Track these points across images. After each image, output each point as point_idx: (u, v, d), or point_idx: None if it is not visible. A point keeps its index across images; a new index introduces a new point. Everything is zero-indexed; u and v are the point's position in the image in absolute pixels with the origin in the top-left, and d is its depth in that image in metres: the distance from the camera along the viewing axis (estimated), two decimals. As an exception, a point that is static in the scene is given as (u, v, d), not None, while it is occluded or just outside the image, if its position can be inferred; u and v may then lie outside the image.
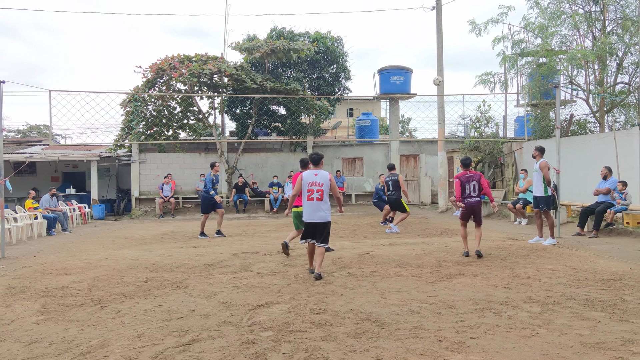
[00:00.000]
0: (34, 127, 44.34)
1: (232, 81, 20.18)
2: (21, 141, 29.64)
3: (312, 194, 7.27)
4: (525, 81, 19.57)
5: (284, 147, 23.71)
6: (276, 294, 6.26)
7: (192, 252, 10.07)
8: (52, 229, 14.57)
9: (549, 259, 8.43)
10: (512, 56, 18.26)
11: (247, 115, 22.78)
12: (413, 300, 5.80)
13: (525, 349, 4.18)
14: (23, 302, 6.11)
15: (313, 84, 24.70)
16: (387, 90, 22.49)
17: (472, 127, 20.91)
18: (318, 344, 4.36)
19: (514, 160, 19.07)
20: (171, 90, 20.74)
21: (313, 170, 7.46)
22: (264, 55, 20.93)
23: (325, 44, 24.12)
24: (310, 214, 7.32)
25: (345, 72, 25.02)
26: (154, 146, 21.73)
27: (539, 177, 10.30)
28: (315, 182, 7.31)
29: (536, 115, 19.31)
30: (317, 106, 21.65)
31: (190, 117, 22.01)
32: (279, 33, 24.47)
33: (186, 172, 21.46)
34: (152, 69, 19.81)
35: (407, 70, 22.72)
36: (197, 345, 4.41)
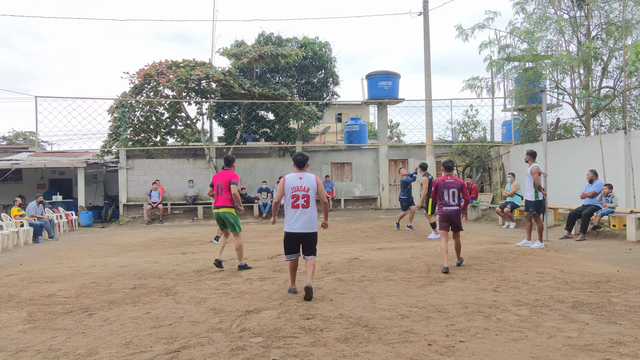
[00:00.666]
0: (19, 134, 43.93)
1: (220, 87, 20.14)
2: (7, 148, 29.34)
3: (297, 200, 6.32)
4: (512, 86, 19.75)
5: (272, 153, 23.69)
6: (266, 300, 6.23)
7: (180, 258, 10.01)
8: (39, 236, 14.42)
9: (537, 262, 8.48)
10: (499, 61, 18.43)
11: (235, 121, 22.73)
12: (403, 305, 5.81)
13: (515, 351, 4.20)
14: (9, 311, 6.03)
15: (301, 89, 24.71)
16: (375, 95, 22.56)
17: (459, 131, 21.04)
18: (308, 350, 4.34)
19: (501, 164, 19.20)
20: (159, 96, 20.66)
21: (297, 174, 6.47)
22: (252, 60, 20.93)
23: (313, 49, 24.16)
24: (293, 224, 6.34)
25: (334, 78, 25.07)
26: (141, 152, 21.60)
27: (530, 181, 10.36)
28: (300, 186, 6.34)
29: (523, 119, 19.47)
30: (305, 111, 21.67)
31: (178, 123, 21.92)
32: (266, 38, 24.48)
33: (174, 178, 21.34)
34: (140, 75, 19.72)
35: (395, 76, 22.81)
36: (187, 352, 4.38)
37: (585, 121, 17.16)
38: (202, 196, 21.26)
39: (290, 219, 6.36)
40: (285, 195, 6.42)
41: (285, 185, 6.43)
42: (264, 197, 20.32)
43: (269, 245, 11.72)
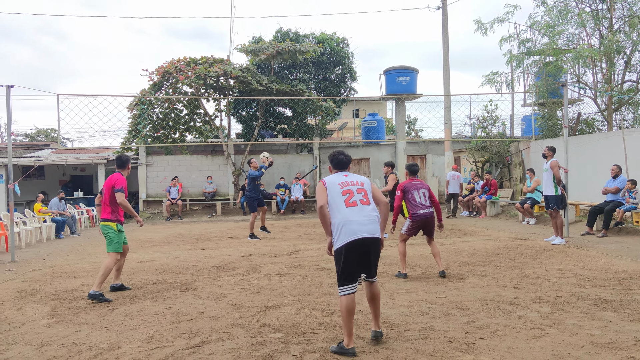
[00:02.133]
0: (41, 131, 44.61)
1: (238, 83, 20.21)
2: (29, 145, 29.81)
3: (352, 196, 4.47)
4: (532, 80, 19.50)
5: (290, 149, 23.72)
6: (285, 296, 6.26)
7: (200, 254, 10.09)
8: (61, 232, 14.64)
9: (558, 259, 8.39)
10: (519, 55, 18.21)
11: (253, 117, 22.81)
12: (422, 301, 5.79)
13: (536, 349, 4.16)
14: (33, 305, 6.15)
15: (319, 85, 24.70)
16: (393, 90, 22.46)
17: (478, 126, 20.85)
18: (328, 346, 4.35)
19: (521, 159, 18.99)
20: (177, 93, 20.79)
21: (341, 173, 4.72)
22: (269, 57, 20.95)
23: (330, 45, 24.12)
24: (357, 227, 4.33)
25: (351, 73, 25.01)
26: (160, 149, 21.78)
27: (549, 177, 10.25)
28: (351, 181, 4.59)
29: (543, 114, 19.24)
30: (323, 107, 21.66)
31: (196, 120, 22.07)
32: (284, 35, 24.49)
33: (193, 175, 21.51)
34: (159, 72, 19.88)
35: (413, 71, 22.68)
36: (207, 347, 4.42)
37: (607, 116, 16.90)
38: (221, 192, 21.40)
39: (349, 221, 4.37)
40: (331, 194, 4.51)
41: (328, 186, 4.54)
42: (281, 193, 20.37)
43: (287, 242, 11.76)
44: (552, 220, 10.50)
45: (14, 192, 10.46)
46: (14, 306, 6.13)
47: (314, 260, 8.82)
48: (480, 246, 10.08)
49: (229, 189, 21.47)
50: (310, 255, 9.50)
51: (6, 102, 10.38)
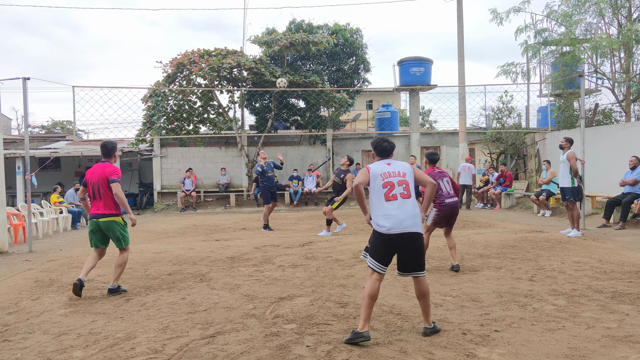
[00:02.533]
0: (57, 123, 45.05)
1: (251, 75, 20.21)
2: (45, 137, 30.12)
3: (392, 188, 4.47)
4: (549, 71, 19.27)
5: (303, 141, 23.71)
6: (298, 287, 6.27)
7: (214, 245, 10.15)
8: (77, 223, 14.81)
9: (574, 251, 8.31)
10: (535, 45, 17.99)
11: (266, 109, 22.81)
12: (436, 293, 5.77)
13: (552, 342, 4.13)
14: (51, 295, 6.22)
15: (332, 76, 24.61)
16: (407, 81, 22.32)
17: (494, 118, 20.67)
18: (341, 337, 4.36)
19: (536, 151, 18.81)
20: (191, 85, 20.85)
21: (384, 160, 4.71)
22: (282, 48, 20.91)
23: (344, 36, 24.00)
24: (396, 221, 4.38)
25: (365, 64, 24.88)
26: (175, 140, 21.89)
27: (565, 168, 10.13)
28: (393, 171, 4.55)
29: (559, 105, 19.03)
30: (336, 99, 21.60)
31: (210, 112, 22.13)
32: (297, 26, 24.41)
33: (207, 166, 21.60)
34: (173, 64, 19.94)
35: (427, 62, 22.52)
36: (222, 337, 4.45)
37: (625, 106, 16.65)
38: (235, 184, 21.48)
39: (387, 215, 4.41)
40: (373, 186, 4.55)
41: (371, 173, 4.56)
42: (294, 185, 20.40)
43: (301, 233, 11.78)
44: (568, 213, 10.39)
45: (31, 184, 10.58)
46: (32, 296, 6.21)
47: (327, 252, 8.83)
48: (495, 238, 10.01)
49: (243, 180, 21.53)
50: (323, 246, 9.51)
51: (23, 94, 10.47)
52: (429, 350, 4.00)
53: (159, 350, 4.17)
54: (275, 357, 3.94)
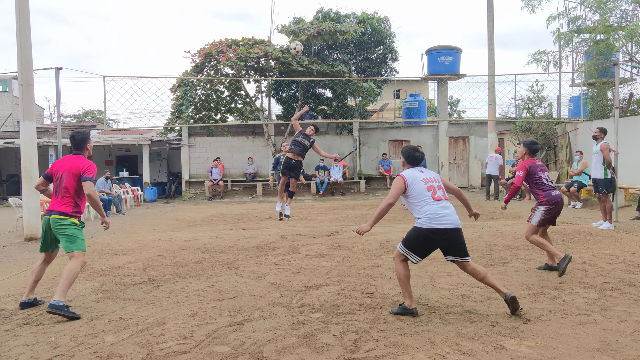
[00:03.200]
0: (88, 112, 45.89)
1: (278, 64, 20.24)
2: (77, 126, 30.70)
3: (435, 192, 4.80)
4: (581, 59, 18.82)
5: (329, 130, 23.68)
6: (325, 276, 6.29)
7: (241, 234, 10.23)
8: (107, 210, 15.08)
9: (605, 244, 8.14)
10: (568, 33, 17.58)
11: (293, 99, 22.83)
12: (463, 285, 5.72)
13: (582, 335, 4.06)
14: (83, 281, 6.37)
15: (359, 65, 24.48)
16: (436, 70, 22.07)
17: (524, 107, 20.30)
18: (368, 326, 4.36)
19: (568, 141, 18.43)
20: (219, 75, 20.99)
21: (416, 168, 4.99)
22: (310, 37, 20.87)
23: (372, 24, 23.81)
24: (440, 217, 4.67)
25: (393, 53, 24.68)
26: (203, 130, 22.11)
27: (598, 159, 9.90)
28: (430, 178, 4.90)
29: (592, 94, 18.57)
30: (363, 88, 21.50)
31: (237, 101, 22.25)
32: (325, 15, 24.31)
33: (234, 156, 21.77)
34: (201, 54, 20.10)
35: (456, 50, 22.21)
36: (249, 325, 4.50)
37: (661, 96, 16.18)
38: (261, 173, 21.61)
39: (435, 212, 4.69)
40: (415, 190, 4.79)
41: (409, 180, 4.82)
42: (321, 174, 20.42)
43: (327, 223, 11.80)
44: (601, 204, 10.17)
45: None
46: (65, 281, 6.36)
47: (353, 242, 8.83)
48: (524, 230, 9.86)
49: (269, 170, 21.63)
50: (349, 236, 9.51)
51: (55, 84, 10.68)
52: (456, 341, 3.97)
53: (188, 336, 4.24)
54: (302, 345, 3.97)
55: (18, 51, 10.09)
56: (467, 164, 22.73)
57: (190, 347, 4.00)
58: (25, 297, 5.17)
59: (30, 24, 10.24)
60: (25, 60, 10.14)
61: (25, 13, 10.13)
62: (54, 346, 4.10)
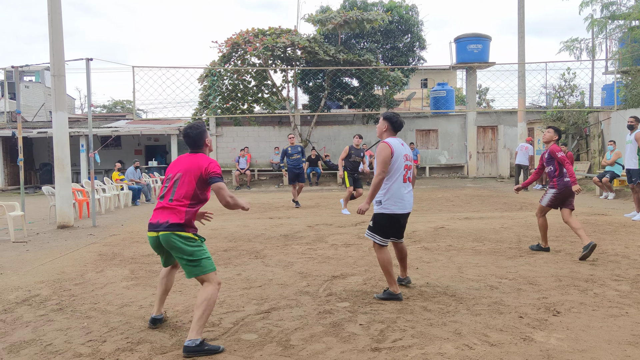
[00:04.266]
0: (118, 102, 46.55)
1: (305, 54, 20.20)
2: (107, 116, 31.21)
3: (408, 171, 4.88)
4: (616, 47, 18.33)
5: (356, 120, 23.60)
6: (351, 266, 6.30)
7: (268, 223, 10.30)
8: (137, 199, 15.35)
9: (639, 236, 7.96)
10: (601, 20, 17.14)
11: (320, 88, 22.78)
12: (492, 276, 5.67)
13: (614, 328, 3.99)
14: (113, 268, 6.50)
15: (387, 54, 24.27)
16: (464, 59, 21.77)
17: (555, 96, 19.90)
18: (394, 316, 4.36)
19: (600, 131, 18.02)
20: (246, 64, 21.06)
21: (398, 139, 4.96)
22: (336, 26, 20.75)
23: (399, 12, 23.56)
24: (404, 203, 4.84)
25: (420, 42, 24.40)
26: (230, 120, 22.26)
27: (632, 149, 9.64)
28: (407, 154, 4.92)
29: (627, 82, 18.08)
30: (390, 77, 21.33)
31: (264, 91, 22.33)
32: (352, 3, 24.13)
33: (261, 145, 21.87)
34: (228, 44, 20.19)
35: (486, 38, 21.85)
36: (276, 313, 4.53)
37: (699, 84, 15.67)
38: (288, 163, 21.66)
39: (401, 197, 4.79)
40: (395, 165, 4.77)
41: (394, 153, 4.76)
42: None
43: (353, 212, 11.78)
44: (634, 195, 9.93)
45: (94, 161, 11.02)
46: (96, 268, 6.51)
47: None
48: (554, 220, 9.68)
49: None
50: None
51: (86, 74, 10.86)
52: (484, 333, 3.94)
53: (216, 324, 4.29)
54: (328, 334, 3.99)
55: (50, 42, 10.28)
56: (496, 153, 22.41)
57: (219, 334, 4.05)
58: (155, 313, 4.32)
59: (61, 15, 10.41)
60: (57, 51, 10.33)
61: (57, 5, 10.30)
62: (87, 331, 4.20)
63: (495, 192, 16.65)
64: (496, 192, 16.66)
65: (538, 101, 23.10)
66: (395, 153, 4.78)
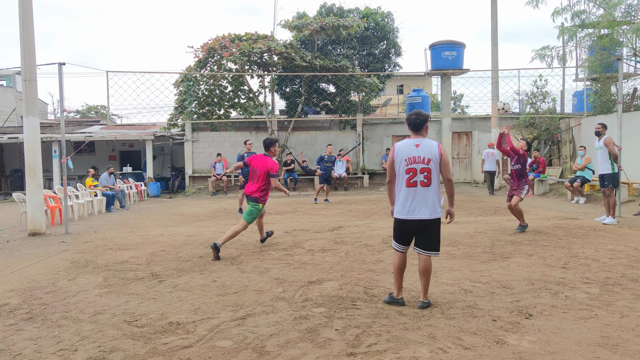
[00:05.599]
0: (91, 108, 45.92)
1: (281, 59, 20.21)
2: (80, 121, 30.77)
3: (414, 175, 4.63)
4: (585, 54, 18.74)
5: (333, 125, 23.67)
6: (327, 271, 6.31)
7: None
8: (111, 206, 15.13)
9: (608, 239, 8.14)
10: (572, 28, 17.51)
11: (296, 94, 22.81)
12: (466, 280, 5.73)
13: (584, 330, 4.07)
14: (86, 276, 6.40)
15: (363, 60, 24.43)
16: (439, 66, 22.01)
17: (527, 102, 20.26)
18: (370, 321, 4.38)
19: (571, 136, 18.39)
20: (222, 70, 20.98)
21: (413, 140, 4.74)
22: (313, 32, 20.83)
23: (375, 19, 23.75)
24: (408, 208, 4.69)
25: (396, 48, 24.61)
26: (206, 125, 22.12)
27: (604, 155, 9.87)
28: (418, 157, 4.64)
29: (596, 89, 18.51)
30: (366, 83, 21.46)
31: (241, 96, 22.25)
32: (328, 10, 24.25)
33: (237, 151, 21.67)
34: (204, 49, 20.07)
35: (460, 45, 22.14)
36: (252, 319, 4.52)
37: (665, 91, 16.10)
38: (264, 168, 21.60)
39: (405, 202, 4.69)
40: (398, 170, 4.73)
41: (395, 157, 4.72)
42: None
43: (330, 218, 11.81)
44: (605, 200, 10.15)
45: (67, 167, 10.85)
46: (68, 276, 6.40)
47: (356, 237, 8.84)
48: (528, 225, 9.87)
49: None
50: (352, 231, 9.52)
51: (59, 79, 10.70)
52: (458, 336, 3.98)
53: (191, 331, 4.26)
54: (304, 340, 3.99)
55: (21, 46, 10.11)
56: (470, 159, 22.69)
57: (193, 341, 4.02)
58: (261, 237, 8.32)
59: (33, 18, 10.26)
60: (28, 55, 10.16)
61: (29, 7, 10.14)
62: (58, 340, 4.13)
63: (470, 197, 16.85)
64: (471, 197, 16.86)
65: (511, 107, 23.49)
66: (396, 157, 4.74)
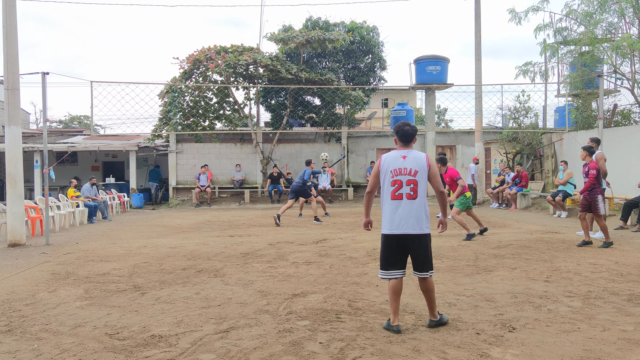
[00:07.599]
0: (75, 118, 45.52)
1: (267, 72, 20.26)
2: (63, 131, 30.45)
3: (400, 188, 4.46)
4: (567, 71, 19.04)
5: (318, 138, 23.72)
6: (312, 284, 6.28)
7: (228, 241, 10.20)
8: (93, 217, 14.96)
9: (590, 253, 8.23)
10: (553, 45, 17.79)
11: (282, 106, 22.84)
12: (450, 293, 5.75)
13: (567, 343, 4.10)
14: (67, 288, 6.30)
15: (348, 74, 24.58)
16: (423, 80, 22.20)
17: (510, 117, 20.50)
18: (354, 334, 4.36)
19: (553, 151, 18.62)
20: (207, 81, 20.95)
21: (401, 151, 4.58)
22: (299, 45, 20.92)
23: (360, 33, 23.95)
24: (394, 222, 4.47)
25: (381, 62, 24.82)
26: (190, 136, 22.03)
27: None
28: (404, 168, 4.48)
29: (578, 105, 18.79)
30: (352, 97, 21.57)
31: (226, 108, 22.22)
32: (314, 23, 24.41)
33: (222, 162, 21.70)
34: (189, 60, 20.05)
35: (444, 60, 22.37)
36: (235, 332, 4.47)
37: (644, 107, 16.39)
38: (249, 180, 21.57)
39: (391, 216, 4.47)
40: (383, 181, 4.57)
41: (381, 167, 4.57)
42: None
43: (315, 230, 11.79)
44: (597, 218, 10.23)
45: (49, 177, 10.71)
46: (49, 288, 6.30)
47: (341, 250, 8.83)
48: (510, 238, 9.94)
49: (257, 177, 21.61)
50: (337, 244, 9.51)
51: (42, 88, 10.61)
52: (442, 350, 3.98)
53: (174, 344, 4.21)
54: (288, 353, 3.96)
55: (4, 55, 10.02)
56: (454, 172, 22.85)
57: (176, 354, 3.97)
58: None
59: (17, 28, 10.18)
60: (11, 64, 10.07)
61: (13, 17, 10.07)
62: (37, 354, 4.05)
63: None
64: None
65: (494, 122, 23.76)
66: (382, 168, 4.55)
